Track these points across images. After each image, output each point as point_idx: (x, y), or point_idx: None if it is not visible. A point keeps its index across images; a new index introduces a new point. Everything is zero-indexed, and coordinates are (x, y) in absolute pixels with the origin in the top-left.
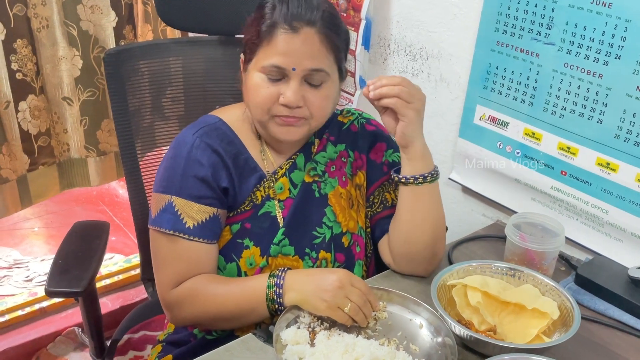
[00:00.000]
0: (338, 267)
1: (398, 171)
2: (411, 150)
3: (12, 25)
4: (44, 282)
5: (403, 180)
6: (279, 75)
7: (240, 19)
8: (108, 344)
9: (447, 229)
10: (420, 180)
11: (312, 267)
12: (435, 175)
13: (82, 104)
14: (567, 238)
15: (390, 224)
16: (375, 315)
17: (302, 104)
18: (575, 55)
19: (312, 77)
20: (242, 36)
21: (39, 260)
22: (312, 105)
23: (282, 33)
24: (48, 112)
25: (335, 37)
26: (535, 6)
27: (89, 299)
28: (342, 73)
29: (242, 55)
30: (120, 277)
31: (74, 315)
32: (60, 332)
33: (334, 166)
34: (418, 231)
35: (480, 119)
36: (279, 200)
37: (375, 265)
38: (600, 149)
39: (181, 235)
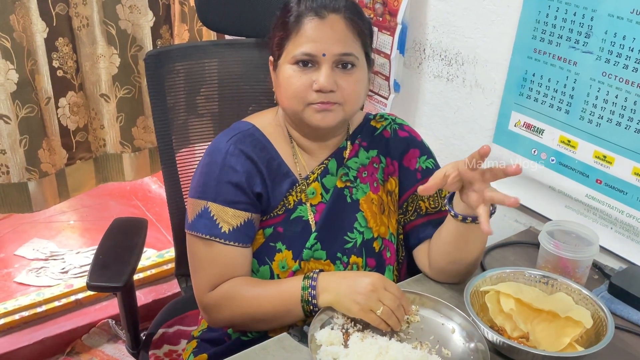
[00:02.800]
0: (369, 271)
1: (450, 199)
2: None
3: (54, 24)
4: (79, 275)
5: (460, 218)
6: (309, 63)
7: None
8: (142, 337)
9: None
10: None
11: (344, 271)
12: (492, 213)
13: (119, 101)
14: (601, 247)
15: (434, 241)
16: (407, 318)
17: (335, 88)
18: (614, 65)
19: (342, 61)
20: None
21: (75, 253)
22: (344, 90)
23: (309, 21)
24: (86, 109)
25: (360, 22)
26: (574, 14)
27: (127, 293)
28: (370, 60)
29: (270, 58)
30: (153, 271)
31: (108, 307)
32: (94, 323)
33: (366, 172)
34: (465, 254)
35: (515, 126)
36: (311, 205)
37: (407, 271)
38: (637, 158)
39: (217, 239)
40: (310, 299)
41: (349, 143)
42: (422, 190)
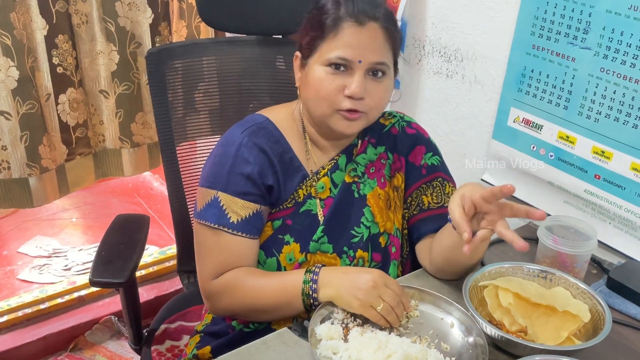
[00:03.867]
0: (374, 266)
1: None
2: None
3: (54, 22)
4: (82, 272)
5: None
6: (343, 67)
7: (279, 19)
8: (144, 333)
9: None
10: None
11: (349, 265)
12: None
13: (118, 97)
14: (599, 241)
15: (435, 243)
16: (406, 313)
17: (365, 97)
18: (612, 60)
19: (375, 69)
20: (279, 37)
21: (77, 250)
22: (373, 97)
23: (349, 26)
24: (85, 105)
25: (396, 32)
26: (572, 11)
27: (129, 289)
28: (396, 69)
29: (297, 53)
30: (155, 268)
31: (111, 304)
32: (97, 320)
33: (373, 168)
34: (464, 259)
35: (514, 121)
36: (320, 199)
37: (412, 266)
38: (635, 153)
39: (225, 229)
40: (310, 293)
41: (359, 140)
42: (467, 251)
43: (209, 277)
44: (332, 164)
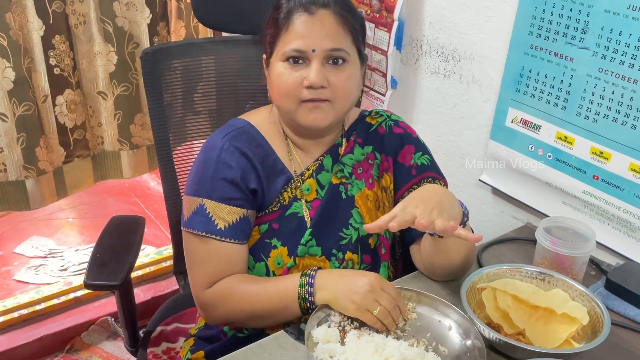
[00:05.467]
0: (364, 268)
1: None
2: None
3: (50, 22)
4: (78, 272)
5: (437, 236)
6: (300, 59)
7: None
8: (140, 334)
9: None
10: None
11: (339, 267)
12: (465, 222)
13: (116, 99)
14: (597, 243)
15: (422, 246)
16: (403, 317)
17: (326, 85)
18: (610, 61)
19: (333, 57)
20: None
21: (74, 250)
22: (335, 86)
23: (298, 17)
24: (83, 106)
25: (351, 18)
26: (571, 10)
27: (124, 291)
28: (362, 56)
29: (264, 56)
30: (152, 268)
31: (107, 305)
32: (93, 321)
33: (361, 168)
34: (449, 260)
35: (512, 122)
36: (306, 201)
37: (404, 268)
38: (633, 154)
39: (213, 236)
40: (307, 296)
41: (344, 140)
42: (366, 228)
43: (202, 287)
44: (317, 164)
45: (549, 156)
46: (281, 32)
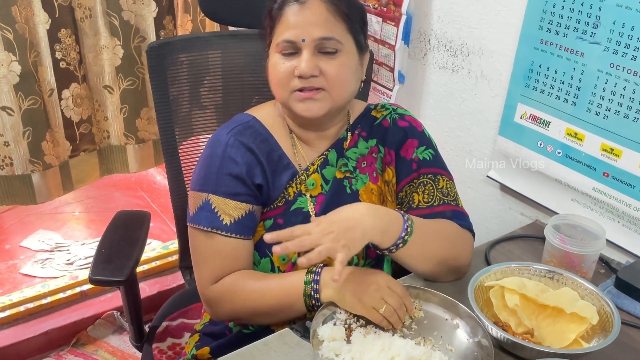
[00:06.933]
0: (369, 262)
1: None
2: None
3: (56, 15)
4: (84, 266)
5: (386, 253)
6: (292, 49)
7: None
8: (146, 329)
9: (474, 236)
10: (393, 249)
11: None
12: (406, 236)
13: (122, 93)
14: (607, 240)
15: None
16: (410, 315)
17: (318, 73)
18: (622, 56)
19: (324, 46)
20: None
21: (80, 244)
22: (327, 74)
23: (290, 7)
24: (90, 100)
25: (343, 5)
26: (582, 5)
27: (130, 287)
28: (361, 45)
29: (267, 49)
30: (158, 263)
31: (113, 299)
32: (99, 315)
33: (365, 162)
34: (415, 270)
35: (521, 118)
36: (311, 196)
37: None
38: None
39: (218, 232)
40: (312, 294)
41: (349, 134)
42: (267, 239)
43: (207, 283)
44: (322, 159)
45: (559, 153)
46: (276, 23)
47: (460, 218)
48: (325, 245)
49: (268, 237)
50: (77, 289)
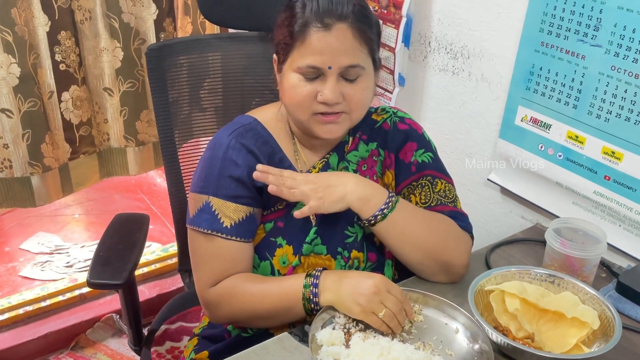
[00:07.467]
0: (370, 266)
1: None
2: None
3: (56, 18)
4: (84, 269)
5: (365, 224)
6: (315, 74)
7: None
8: (145, 333)
9: (473, 238)
10: (372, 220)
11: (345, 266)
12: (386, 210)
13: (122, 95)
14: (609, 244)
15: None
16: (409, 320)
17: (341, 100)
18: (623, 58)
19: (349, 72)
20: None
21: (79, 247)
22: (350, 100)
23: (315, 32)
24: (89, 103)
25: (368, 29)
26: (583, 7)
27: (128, 290)
28: (376, 63)
29: (274, 56)
30: (158, 265)
31: (112, 302)
32: (98, 318)
33: (365, 165)
34: (407, 256)
35: (521, 120)
36: None
37: (407, 268)
38: None
39: (219, 234)
40: (311, 297)
41: (350, 137)
42: (258, 168)
43: (206, 286)
44: (324, 162)
45: (560, 156)
46: (296, 42)
47: (459, 218)
48: (301, 189)
49: (260, 167)
50: (77, 292)
